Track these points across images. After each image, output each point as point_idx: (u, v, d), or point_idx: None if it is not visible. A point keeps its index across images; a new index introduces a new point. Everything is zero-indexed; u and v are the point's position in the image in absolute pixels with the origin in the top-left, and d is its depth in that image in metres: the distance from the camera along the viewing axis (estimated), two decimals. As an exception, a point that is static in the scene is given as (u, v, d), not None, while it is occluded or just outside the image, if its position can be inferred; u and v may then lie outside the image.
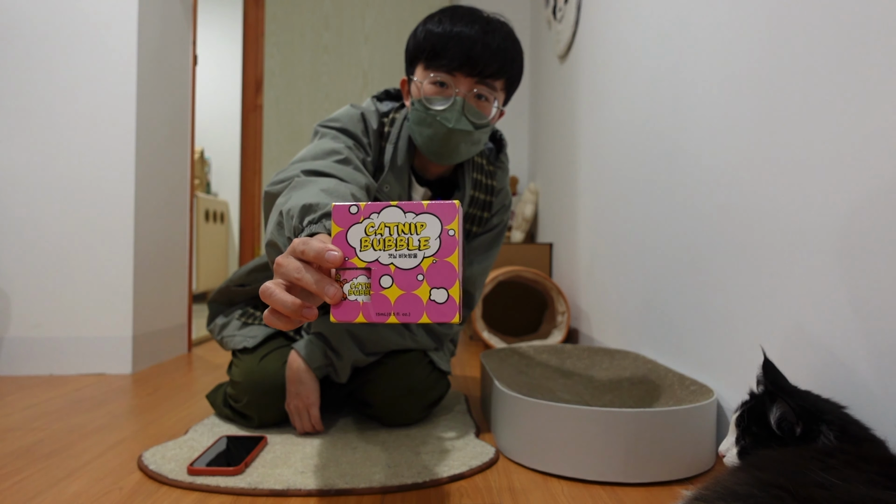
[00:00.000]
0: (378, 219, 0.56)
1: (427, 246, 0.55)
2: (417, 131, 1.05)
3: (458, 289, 0.54)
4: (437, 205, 0.55)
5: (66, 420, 1.15)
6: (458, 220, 0.55)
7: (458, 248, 0.55)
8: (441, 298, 0.54)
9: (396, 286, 0.55)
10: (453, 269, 0.54)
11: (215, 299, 1.25)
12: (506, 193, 1.22)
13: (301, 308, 0.55)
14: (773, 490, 0.44)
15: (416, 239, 0.55)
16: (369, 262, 0.56)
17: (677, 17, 1.20)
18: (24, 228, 1.59)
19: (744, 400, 0.69)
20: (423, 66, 1.03)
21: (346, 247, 0.56)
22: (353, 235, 0.56)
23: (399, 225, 0.56)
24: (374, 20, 3.29)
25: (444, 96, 1.02)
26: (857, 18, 0.70)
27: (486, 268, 1.20)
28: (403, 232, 0.55)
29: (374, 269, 0.55)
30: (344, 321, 0.56)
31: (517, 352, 1.41)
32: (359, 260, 0.56)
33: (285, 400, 1.05)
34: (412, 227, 0.55)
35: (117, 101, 1.62)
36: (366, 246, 0.56)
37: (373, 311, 0.55)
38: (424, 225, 0.55)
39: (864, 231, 0.68)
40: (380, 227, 0.56)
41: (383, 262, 0.55)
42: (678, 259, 1.18)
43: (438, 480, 0.84)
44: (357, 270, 0.56)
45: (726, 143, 0.99)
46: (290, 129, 3.29)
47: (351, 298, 0.55)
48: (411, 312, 0.55)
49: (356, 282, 0.56)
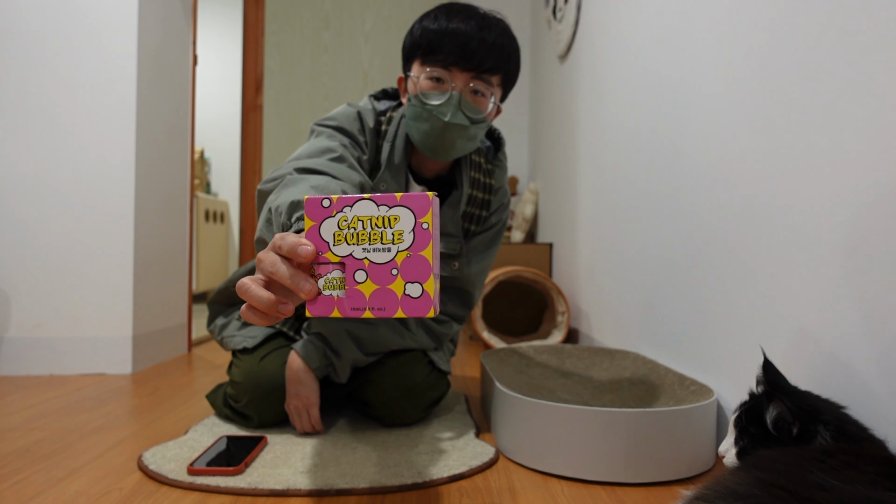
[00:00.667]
0: (351, 212, 0.55)
1: (401, 240, 0.54)
2: (414, 126, 1.05)
3: (433, 283, 0.54)
4: (410, 197, 0.54)
5: (66, 420, 1.15)
6: (432, 212, 0.54)
7: (431, 241, 0.54)
8: (416, 293, 0.54)
9: (371, 281, 0.54)
10: (427, 263, 0.54)
11: (215, 300, 1.25)
12: (504, 192, 1.22)
13: (276, 304, 0.54)
14: (773, 490, 0.44)
15: (390, 233, 0.54)
16: (343, 257, 0.55)
17: (677, 17, 1.20)
18: (24, 228, 1.59)
19: (742, 401, 0.69)
20: (420, 61, 1.03)
21: (319, 241, 0.55)
22: (327, 229, 0.55)
23: (372, 218, 0.55)
24: (374, 20, 3.29)
25: (440, 91, 1.02)
26: (859, 15, 0.70)
27: (486, 267, 1.20)
28: (377, 226, 0.54)
29: (348, 263, 0.55)
30: (319, 316, 0.55)
31: (517, 352, 1.41)
32: (332, 255, 0.55)
33: (285, 400, 1.05)
34: (385, 221, 0.54)
35: (117, 102, 1.62)
36: (339, 240, 0.55)
37: (347, 306, 0.54)
38: (398, 218, 0.54)
39: (867, 231, 0.68)
40: (353, 220, 0.55)
41: (357, 256, 0.55)
42: (678, 259, 1.17)
43: (438, 480, 0.84)
44: (331, 265, 0.55)
45: (727, 143, 0.99)
46: (290, 129, 3.28)
47: (326, 293, 0.55)
48: (386, 307, 0.54)
49: (331, 276, 0.55)
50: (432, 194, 0.54)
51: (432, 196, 0.54)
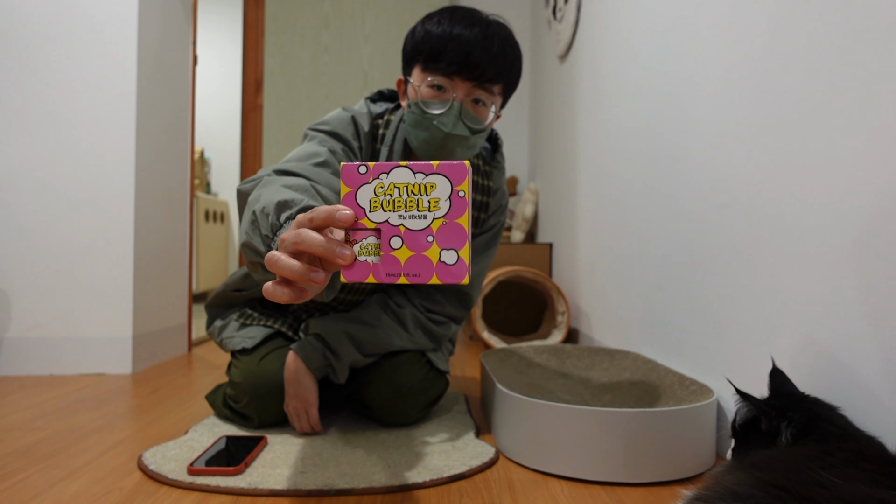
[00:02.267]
0: (388, 179, 0.55)
1: (437, 207, 0.54)
2: (413, 134, 1.05)
3: (468, 250, 0.54)
4: (447, 165, 0.55)
5: (66, 420, 1.15)
6: (468, 181, 0.54)
7: (467, 209, 0.54)
8: (451, 260, 0.54)
9: (406, 247, 0.54)
10: (463, 231, 0.54)
11: (212, 304, 1.25)
12: (502, 193, 1.22)
13: (308, 272, 0.53)
14: (773, 490, 0.44)
15: (426, 200, 0.54)
16: (379, 223, 0.55)
17: (677, 17, 1.20)
18: (25, 228, 1.59)
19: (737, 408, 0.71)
20: (421, 67, 1.02)
21: (355, 207, 0.55)
22: (363, 196, 0.55)
23: (409, 186, 0.55)
24: (374, 20, 3.29)
25: (441, 100, 1.01)
26: (860, 13, 0.70)
27: (484, 268, 1.20)
28: (413, 193, 0.55)
29: (384, 230, 0.55)
30: (355, 281, 0.55)
31: (517, 352, 1.41)
32: (368, 221, 0.55)
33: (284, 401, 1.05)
34: (422, 188, 0.55)
35: (117, 101, 1.62)
36: (375, 207, 0.55)
37: (383, 272, 0.55)
38: (434, 186, 0.54)
39: (874, 231, 0.68)
40: (389, 187, 0.55)
41: (393, 223, 0.55)
42: (678, 259, 1.17)
43: (438, 480, 0.84)
44: (366, 231, 0.55)
45: (727, 143, 0.99)
46: (290, 129, 3.28)
47: (361, 259, 0.55)
48: (421, 273, 0.54)
49: (366, 242, 0.55)
50: (468, 162, 0.55)
51: (468, 164, 0.54)
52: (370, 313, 1.09)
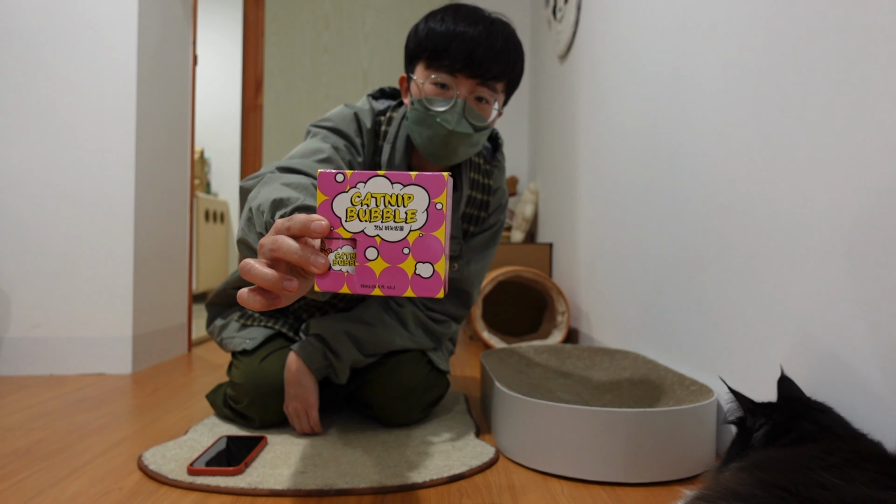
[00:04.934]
0: (365, 188, 0.54)
1: (414, 219, 0.54)
2: (417, 131, 1.05)
3: (444, 264, 0.53)
4: (425, 177, 0.54)
5: (66, 420, 1.15)
6: (447, 193, 0.54)
7: (445, 222, 0.54)
8: (426, 273, 0.53)
9: (382, 259, 0.54)
10: (440, 244, 0.53)
11: (213, 302, 1.25)
12: (502, 192, 1.22)
13: (281, 280, 0.52)
14: (774, 490, 0.44)
15: (403, 211, 0.54)
16: (355, 233, 0.54)
17: (677, 17, 1.20)
18: (24, 229, 1.59)
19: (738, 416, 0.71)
20: (425, 65, 1.02)
21: (331, 216, 0.55)
22: (339, 205, 0.55)
23: (386, 196, 0.54)
24: (374, 20, 3.29)
25: (444, 97, 1.01)
26: (860, 14, 0.70)
27: (484, 267, 1.20)
28: (390, 203, 0.54)
29: (360, 240, 0.54)
30: (328, 291, 0.55)
31: (517, 352, 1.41)
32: (344, 230, 0.54)
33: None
34: (399, 199, 0.54)
35: (117, 101, 1.62)
36: (352, 216, 0.54)
37: (357, 283, 0.54)
38: (412, 197, 0.54)
39: (869, 230, 0.68)
40: (366, 197, 0.54)
41: (369, 233, 0.54)
42: (678, 259, 1.17)
43: (438, 480, 0.84)
44: (342, 240, 0.54)
45: (727, 143, 0.99)
46: (290, 129, 3.28)
47: (335, 268, 0.54)
48: (396, 286, 0.54)
49: (341, 252, 0.54)
50: (447, 175, 0.54)
51: (447, 176, 0.54)
52: (371, 312, 1.09)
